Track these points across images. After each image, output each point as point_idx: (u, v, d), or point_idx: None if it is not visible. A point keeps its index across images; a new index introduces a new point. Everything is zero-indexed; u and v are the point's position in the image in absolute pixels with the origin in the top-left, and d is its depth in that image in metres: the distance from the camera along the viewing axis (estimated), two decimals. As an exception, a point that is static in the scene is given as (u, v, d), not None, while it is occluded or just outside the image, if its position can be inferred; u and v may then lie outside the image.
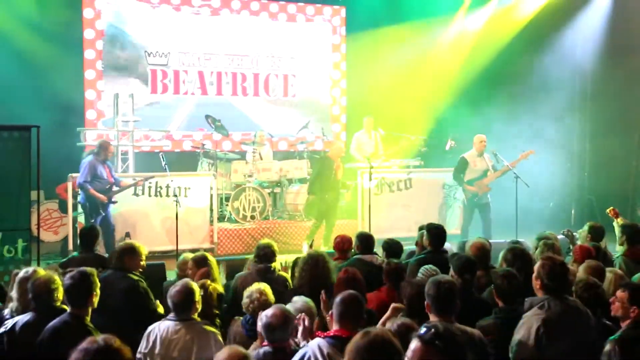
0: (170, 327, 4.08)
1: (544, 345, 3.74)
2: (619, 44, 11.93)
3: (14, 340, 4.16)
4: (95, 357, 2.60)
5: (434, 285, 3.79)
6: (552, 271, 3.98)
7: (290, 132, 12.75)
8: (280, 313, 3.70)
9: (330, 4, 13.38)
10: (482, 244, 5.48)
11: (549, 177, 12.22)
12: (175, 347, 3.99)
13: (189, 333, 4.04)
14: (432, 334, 2.52)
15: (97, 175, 8.53)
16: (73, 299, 4.08)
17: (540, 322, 3.79)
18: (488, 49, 12.55)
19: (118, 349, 2.67)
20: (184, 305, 4.13)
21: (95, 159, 8.61)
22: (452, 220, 10.90)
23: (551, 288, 3.98)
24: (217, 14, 12.54)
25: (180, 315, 4.13)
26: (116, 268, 5.24)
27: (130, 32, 11.90)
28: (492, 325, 4.05)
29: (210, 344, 4.02)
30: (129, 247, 5.37)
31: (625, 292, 3.85)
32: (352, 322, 3.52)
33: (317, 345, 3.43)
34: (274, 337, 3.66)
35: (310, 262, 4.99)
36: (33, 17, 10.57)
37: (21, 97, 10.07)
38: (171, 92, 12.22)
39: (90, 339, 2.67)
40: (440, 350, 2.48)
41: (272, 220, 10.55)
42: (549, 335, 3.75)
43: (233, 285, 5.45)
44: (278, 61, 12.96)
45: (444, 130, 11.96)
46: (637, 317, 3.78)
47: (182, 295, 4.14)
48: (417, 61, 12.70)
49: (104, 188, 8.57)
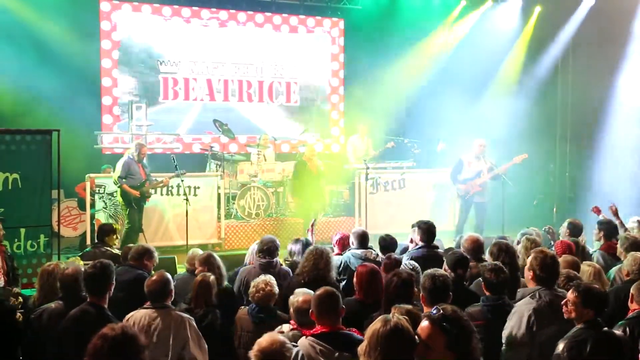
0: (147, 314, 4.06)
1: (534, 332, 3.79)
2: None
3: (41, 326, 4.18)
4: (113, 343, 2.62)
5: (430, 278, 3.82)
6: (544, 263, 4.02)
7: (292, 136, 12.79)
8: (309, 299, 3.77)
9: (329, 17, 13.40)
10: (477, 238, 5.50)
11: (534, 177, 12.25)
12: (153, 332, 3.98)
13: (165, 319, 4.03)
14: (440, 315, 2.57)
15: (132, 173, 8.58)
16: (93, 288, 4.08)
17: (531, 311, 3.85)
18: (477, 54, 12.58)
19: (134, 335, 2.71)
20: (160, 293, 4.14)
21: (131, 158, 8.67)
22: (442, 217, 10.91)
23: (542, 279, 4.02)
24: (225, 25, 12.55)
25: (156, 303, 4.12)
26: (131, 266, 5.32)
27: (143, 43, 11.91)
28: (479, 312, 4.09)
29: (185, 328, 4.02)
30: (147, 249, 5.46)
31: (574, 294, 3.52)
32: (331, 317, 3.50)
33: (309, 344, 3.41)
34: (304, 320, 3.74)
35: (315, 253, 4.97)
36: (55, 27, 10.57)
37: (44, 103, 10.10)
38: (181, 98, 12.24)
39: (109, 326, 2.69)
40: (446, 331, 2.52)
41: (275, 218, 10.55)
42: (539, 323, 3.80)
43: (238, 278, 5.46)
44: (281, 69, 12.97)
45: (436, 132, 11.97)
46: (590, 318, 3.47)
47: (158, 284, 4.16)
48: (413, 66, 12.73)
49: (136, 184, 8.59)
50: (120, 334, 2.65)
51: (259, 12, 12.77)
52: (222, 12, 12.51)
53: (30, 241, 7.19)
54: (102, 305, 4.07)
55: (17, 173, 7.13)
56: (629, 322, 3.81)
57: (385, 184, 10.79)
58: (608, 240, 6.13)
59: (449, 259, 4.82)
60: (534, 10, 12.94)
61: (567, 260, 4.86)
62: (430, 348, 2.53)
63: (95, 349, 2.62)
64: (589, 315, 3.48)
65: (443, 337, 2.52)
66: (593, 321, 3.47)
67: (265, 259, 5.38)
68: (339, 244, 6.30)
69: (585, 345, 3.35)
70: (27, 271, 7.12)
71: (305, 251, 5.23)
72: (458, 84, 12.14)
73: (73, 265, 4.51)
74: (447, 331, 2.53)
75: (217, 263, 5.16)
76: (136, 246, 5.76)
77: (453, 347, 2.52)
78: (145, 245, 5.80)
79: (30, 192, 7.20)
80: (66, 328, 3.92)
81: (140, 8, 11.87)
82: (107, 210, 9.25)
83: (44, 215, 7.39)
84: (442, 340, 2.52)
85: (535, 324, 3.80)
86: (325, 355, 3.34)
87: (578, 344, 3.36)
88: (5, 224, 6.63)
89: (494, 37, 12.90)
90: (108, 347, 2.61)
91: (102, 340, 2.63)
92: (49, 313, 4.21)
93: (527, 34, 13.05)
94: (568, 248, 5.46)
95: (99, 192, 9.22)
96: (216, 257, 5.24)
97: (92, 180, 9.25)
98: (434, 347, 2.52)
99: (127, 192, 8.49)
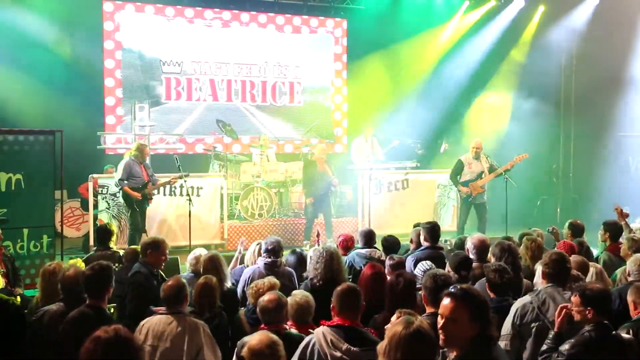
0: (162, 319, 4.03)
1: (518, 326, 3.90)
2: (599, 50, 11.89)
3: (42, 328, 4.16)
4: (106, 346, 2.55)
5: (431, 278, 3.84)
6: (556, 263, 4.06)
7: (296, 136, 12.79)
8: (275, 298, 3.81)
9: (332, 17, 13.39)
10: (484, 239, 5.43)
11: (538, 178, 12.24)
12: (167, 338, 3.95)
13: (180, 325, 3.99)
14: (460, 290, 2.77)
15: (133, 174, 8.46)
16: (92, 290, 4.05)
17: (520, 305, 3.96)
18: (480, 54, 12.57)
19: (128, 337, 2.63)
20: (175, 298, 4.10)
21: (132, 160, 8.55)
22: (446, 218, 10.92)
23: (553, 277, 4.05)
24: (228, 26, 12.55)
25: (172, 308, 4.08)
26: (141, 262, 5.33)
27: (146, 43, 11.93)
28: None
29: (200, 334, 3.98)
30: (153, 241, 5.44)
31: (577, 297, 3.53)
32: (351, 312, 3.58)
33: (322, 333, 3.48)
34: (269, 319, 3.77)
35: (325, 256, 4.89)
36: (57, 27, 10.59)
37: (47, 103, 10.12)
38: (184, 99, 12.25)
39: (102, 329, 2.61)
40: (469, 304, 2.72)
41: (278, 218, 10.56)
42: (525, 318, 3.90)
43: (242, 279, 5.43)
44: (284, 70, 12.97)
45: (439, 133, 11.97)
46: (594, 319, 3.46)
47: (174, 290, 4.11)
48: (415, 68, 12.72)
49: (139, 186, 8.49)
50: (113, 336, 2.57)
51: (262, 13, 12.77)
52: (225, 13, 12.51)
53: (33, 241, 7.21)
54: (102, 307, 4.04)
55: (21, 173, 7.15)
56: (633, 324, 3.79)
57: (388, 185, 10.78)
58: (614, 242, 6.10)
59: (452, 261, 4.81)
60: (538, 10, 12.93)
61: (576, 261, 4.84)
62: (457, 322, 2.70)
63: (89, 352, 2.55)
64: (592, 315, 3.45)
65: (467, 309, 2.71)
66: (600, 324, 3.43)
67: (270, 258, 5.37)
68: (342, 246, 6.29)
69: (590, 347, 3.33)
70: (30, 272, 7.14)
71: (313, 255, 5.16)
72: (461, 84, 12.16)
73: (74, 267, 4.49)
74: (470, 303, 2.72)
75: (220, 263, 5.14)
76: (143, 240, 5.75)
77: (477, 318, 2.71)
78: (146, 239, 5.70)
79: (33, 192, 7.22)
80: (65, 330, 3.88)
81: (143, 8, 11.88)
82: (110, 210, 9.25)
83: (47, 215, 7.41)
84: (466, 313, 2.70)
85: (519, 318, 3.91)
86: (334, 345, 3.40)
87: (583, 345, 3.35)
88: (8, 224, 6.66)
89: (497, 36, 12.89)
90: (101, 351, 2.54)
91: (95, 343, 2.56)
92: (50, 315, 4.17)
93: (530, 34, 13.03)
94: (570, 249, 5.44)
95: (102, 193, 9.21)
96: (220, 257, 5.23)
97: (95, 180, 9.26)
98: (459, 321, 2.70)
99: (128, 194, 8.43)
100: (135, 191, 8.42)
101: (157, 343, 3.94)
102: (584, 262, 4.86)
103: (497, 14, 13.08)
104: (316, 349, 3.42)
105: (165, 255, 5.41)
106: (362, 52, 12.93)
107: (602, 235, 6.28)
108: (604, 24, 11.82)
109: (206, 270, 5.06)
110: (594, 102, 12.16)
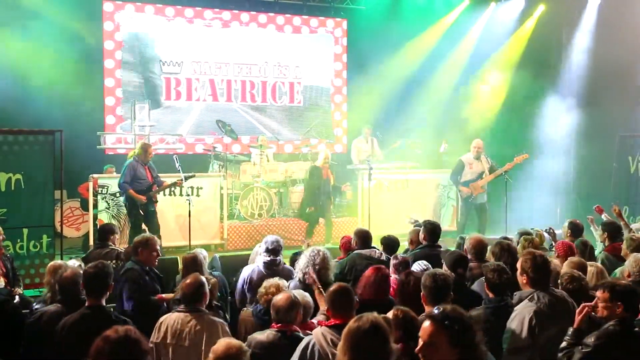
0: (180, 317, 4.03)
1: (536, 335, 3.78)
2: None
3: (40, 329, 4.15)
4: (115, 345, 2.60)
5: (430, 277, 3.85)
6: (534, 264, 4.02)
7: (296, 136, 12.80)
8: (289, 297, 3.88)
9: (332, 17, 13.40)
10: (482, 239, 5.45)
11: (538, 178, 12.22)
12: (186, 336, 3.95)
13: (199, 323, 3.99)
14: (440, 313, 2.61)
15: (137, 177, 8.33)
16: (93, 290, 4.02)
17: (532, 313, 3.83)
18: (480, 54, 12.56)
19: (137, 340, 2.67)
20: (194, 296, 4.08)
21: (136, 161, 8.42)
22: (446, 218, 10.92)
23: (536, 280, 4.01)
24: (228, 26, 12.57)
25: (190, 306, 4.07)
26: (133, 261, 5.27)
27: (146, 43, 11.94)
28: (482, 314, 4.08)
29: (218, 333, 3.97)
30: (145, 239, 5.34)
31: (606, 292, 3.62)
32: (345, 311, 3.63)
33: (321, 333, 3.55)
34: (281, 318, 3.84)
35: (312, 255, 5.01)
36: (57, 27, 10.59)
37: (47, 103, 10.13)
38: (184, 99, 12.26)
39: (113, 328, 2.67)
40: (448, 328, 2.57)
41: (278, 218, 10.56)
42: (541, 325, 3.79)
43: (242, 277, 5.45)
44: (284, 70, 12.98)
45: (439, 133, 11.96)
46: (622, 314, 3.55)
47: (192, 287, 4.09)
48: (414, 68, 12.72)
49: (143, 188, 8.38)
50: (122, 337, 2.63)
51: (262, 13, 12.79)
52: (225, 13, 12.53)
53: (33, 241, 7.21)
54: (101, 305, 4.01)
55: (20, 173, 7.15)
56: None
57: (388, 185, 10.78)
58: (613, 242, 6.09)
59: (447, 259, 4.82)
60: (537, 9, 12.92)
61: (573, 261, 4.84)
62: (435, 346, 2.57)
63: (97, 350, 2.61)
64: (620, 310, 3.55)
65: (446, 334, 2.56)
66: (624, 319, 3.53)
67: (269, 257, 5.39)
68: (343, 247, 6.30)
69: (614, 339, 3.41)
70: (30, 272, 7.15)
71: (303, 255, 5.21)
72: (461, 84, 12.16)
73: (72, 268, 4.49)
74: (448, 328, 2.57)
75: (200, 262, 5.03)
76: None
77: (456, 343, 2.56)
78: (136, 237, 5.53)
79: (33, 192, 7.22)
80: (65, 333, 3.86)
81: (143, 8, 11.90)
82: (110, 210, 9.26)
83: (47, 215, 7.41)
84: (445, 338, 2.56)
85: (537, 326, 3.79)
86: (335, 344, 3.44)
87: (608, 337, 3.42)
88: (8, 224, 6.65)
89: (497, 35, 12.89)
90: (109, 349, 2.60)
91: (104, 341, 2.62)
92: (48, 316, 4.17)
93: (529, 33, 13.02)
94: (569, 249, 5.45)
95: (101, 193, 9.22)
96: (199, 257, 5.08)
97: (95, 180, 9.26)
98: (437, 345, 2.57)
99: (133, 197, 8.28)
100: (139, 194, 8.32)
101: (176, 341, 3.96)
102: (582, 263, 4.86)
103: (496, 13, 13.08)
104: (316, 349, 3.48)
105: (157, 252, 5.31)
106: (362, 52, 12.92)
107: (601, 236, 6.29)
108: (605, 22, 11.82)
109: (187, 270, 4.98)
110: (594, 102, 12.15)
